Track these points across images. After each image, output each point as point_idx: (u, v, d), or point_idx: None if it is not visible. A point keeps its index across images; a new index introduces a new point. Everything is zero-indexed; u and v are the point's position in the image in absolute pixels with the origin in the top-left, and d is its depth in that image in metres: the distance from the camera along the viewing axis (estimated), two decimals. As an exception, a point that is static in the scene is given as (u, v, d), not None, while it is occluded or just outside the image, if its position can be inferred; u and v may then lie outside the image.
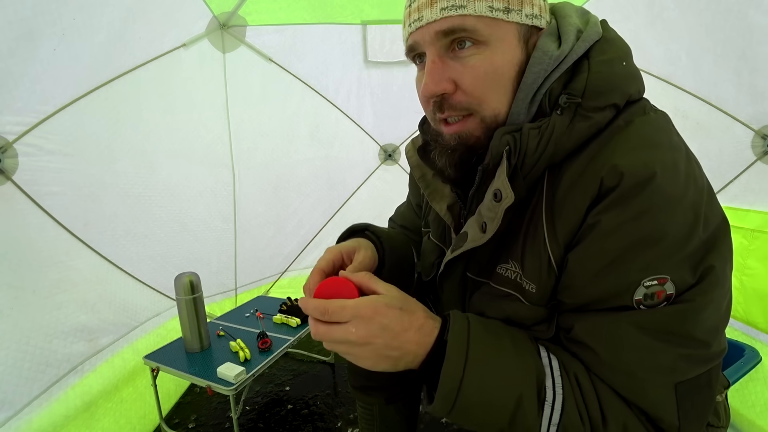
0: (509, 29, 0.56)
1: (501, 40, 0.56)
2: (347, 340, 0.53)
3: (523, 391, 0.52)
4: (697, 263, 0.50)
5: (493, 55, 0.56)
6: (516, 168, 0.57)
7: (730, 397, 1.41)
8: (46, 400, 1.33)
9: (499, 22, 0.55)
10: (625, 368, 0.51)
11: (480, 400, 0.52)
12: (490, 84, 0.57)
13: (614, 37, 0.60)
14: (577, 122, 0.55)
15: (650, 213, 0.49)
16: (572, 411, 0.51)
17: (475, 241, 0.62)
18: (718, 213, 0.53)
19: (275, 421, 1.70)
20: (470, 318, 0.58)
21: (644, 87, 0.60)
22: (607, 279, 0.52)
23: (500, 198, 0.56)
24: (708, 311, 0.51)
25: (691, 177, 0.52)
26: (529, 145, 0.55)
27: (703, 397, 0.52)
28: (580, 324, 0.55)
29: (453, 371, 0.52)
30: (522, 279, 0.61)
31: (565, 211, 0.55)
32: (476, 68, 0.56)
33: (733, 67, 1.64)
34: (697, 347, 0.51)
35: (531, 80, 0.57)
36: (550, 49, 0.56)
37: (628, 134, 0.54)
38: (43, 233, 1.42)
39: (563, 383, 0.53)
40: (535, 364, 0.54)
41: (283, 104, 2.29)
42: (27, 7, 1.20)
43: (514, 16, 0.56)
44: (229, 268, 2.33)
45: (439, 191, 0.74)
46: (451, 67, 0.57)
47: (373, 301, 0.54)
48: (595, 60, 0.56)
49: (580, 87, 0.55)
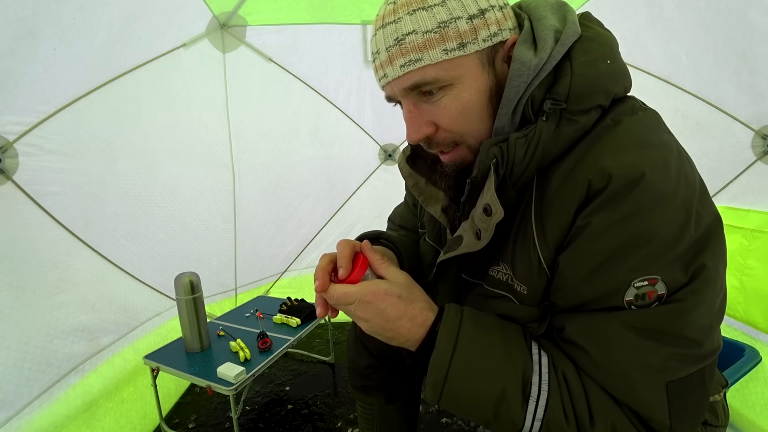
0: (470, 61, 0.56)
1: (464, 75, 0.56)
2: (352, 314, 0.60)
3: (507, 384, 0.53)
4: (688, 263, 0.50)
5: (460, 93, 0.57)
6: (505, 178, 0.57)
7: (730, 397, 1.41)
8: (46, 399, 1.33)
9: (457, 61, 0.55)
10: (616, 367, 0.52)
11: (465, 390, 0.55)
12: (465, 119, 0.59)
13: (596, 34, 0.58)
14: (563, 127, 0.54)
15: (640, 213, 0.49)
16: (557, 408, 0.52)
17: (470, 246, 0.63)
18: (711, 211, 0.52)
19: (275, 421, 1.70)
20: (464, 311, 0.60)
21: (631, 83, 0.59)
22: (597, 280, 0.52)
23: (490, 213, 0.57)
24: (700, 310, 0.50)
25: (682, 175, 0.51)
26: (516, 154, 0.55)
27: (696, 396, 0.52)
28: (571, 324, 0.55)
29: (440, 361, 0.55)
30: (513, 281, 0.61)
31: (553, 212, 0.56)
32: (449, 108, 0.58)
33: (733, 67, 1.64)
34: (689, 346, 0.50)
35: (512, 94, 0.57)
36: (528, 58, 0.55)
37: (616, 134, 0.54)
38: (43, 233, 1.42)
39: (549, 380, 0.54)
40: (522, 360, 0.55)
41: (283, 104, 2.29)
42: (27, 7, 1.20)
43: (470, 47, 0.55)
44: (229, 268, 2.33)
45: (434, 196, 0.75)
46: (426, 111, 0.60)
47: (374, 286, 0.58)
48: (578, 61, 0.55)
49: (564, 91, 0.54)
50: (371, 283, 0.59)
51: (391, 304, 0.57)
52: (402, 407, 1.04)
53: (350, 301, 0.58)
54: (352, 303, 0.58)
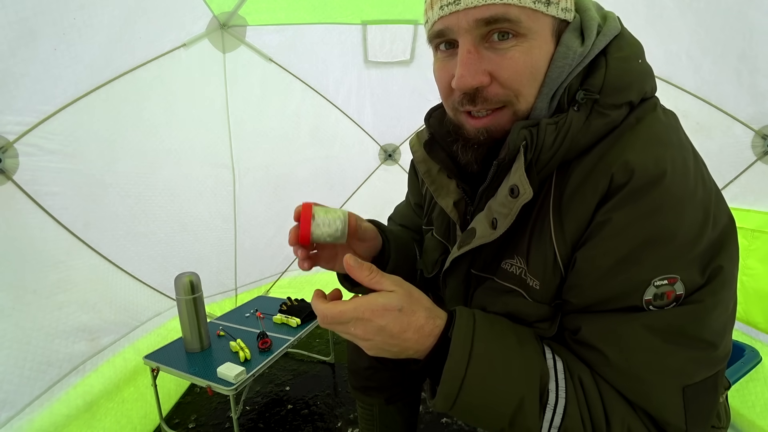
0: (546, 22, 0.55)
1: (538, 33, 0.54)
2: (350, 335, 0.55)
3: (525, 393, 0.51)
4: (706, 263, 0.49)
5: (531, 48, 0.54)
6: (531, 163, 0.56)
7: (730, 398, 1.41)
8: (47, 399, 1.33)
9: (538, 15, 0.53)
10: (634, 371, 0.51)
11: (481, 400, 0.52)
12: (528, 77, 0.55)
13: (629, 34, 0.60)
14: (593, 119, 0.54)
15: (661, 211, 0.48)
16: (574, 415, 0.50)
17: (484, 237, 0.61)
18: (726, 213, 0.53)
19: (275, 421, 1.70)
20: (476, 315, 0.57)
21: (656, 85, 0.60)
22: (616, 278, 0.51)
23: (517, 194, 0.55)
24: (716, 312, 0.50)
25: (699, 176, 0.52)
26: (546, 140, 0.54)
27: (708, 400, 0.52)
28: (588, 326, 0.54)
29: (456, 370, 0.51)
30: (526, 275, 0.60)
31: (573, 207, 0.55)
32: (516, 61, 0.54)
33: (733, 67, 1.64)
34: (706, 348, 0.50)
35: (556, 75, 0.56)
36: (574, 45, 0.56)
37: (638, 131, 0.54)
38: (43, 233, 1.42)
39: (566, 386, 0.52)
40: (539, 366, 0.53)
41: (283, 104, 2.29)
42: (27, 7, 1.20)
43: (552, 9, 0.54)
44: (229, 268, 2.33)
45: (445, 187, 0.74)
46: (487, 59, 0.54)
47: (371, 302, 0.53)
48: (613, 56, 0.56)
49: (598, 83, 0.54)
50: (367, 299, 0.54)
51: (393, 319, 0.53)
52: (402, 408, 1.04)
53: (345, 320, 0.53)
54: (348, 322, 0.53)
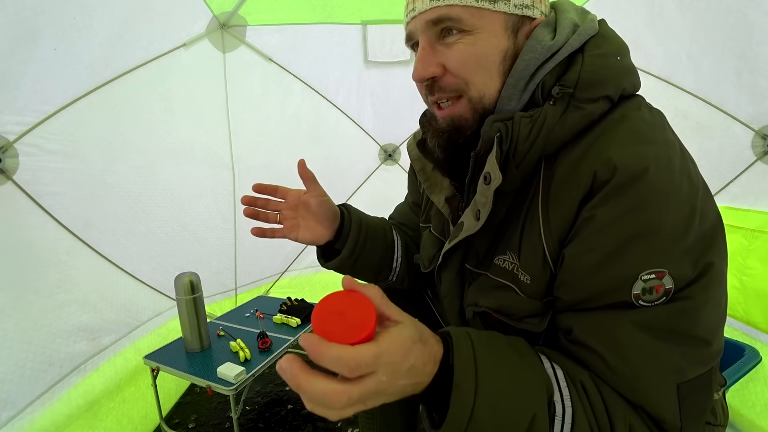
0: (495, 18, 0.59)
1: (485, 28, 0.59)
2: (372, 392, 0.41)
3: (537, 410, 0.48)
4: (696, 258, 0.50)
5: (476, 41, 0.59)
6: (508, 155, 0.58)
7: (730, 397, 1.41)
8: (48, 399, 1.33)
9: (484, 12, 0.58)
10: (630, 370, 0.51)
11: (492, 426, 0.47)
12: (474, 67, 0.60)
13: (611, 35, 0.61)
14: (569, 113, 0.56)
15: (646, 205, 0.49)
16: (582, 422, 0.49)
17: (470, 229, 0.63)
18: (714, 210, 0.53)
19: (275, 421, 1.70)
20: (472, 336, 0.51)
21: (640, 83, 0.61)
22: (604, 273, 0.52)
23: (489, 180, 0.58)
24: (708, 308, 0.51)
25: (685, 173, 0.52)
26: (521, 132, 0.57)
27: (702, 397, 0.53)
28: (579, 325, 0.55)
29: (464, 400, 0.45)
30: (518, 270, 0.62)
31: (558, 203, 0.56)
32: (462, 52, 0.59)
33: (733, 67, 1.64)
34: (699, 345, 0.51)
35: (522, 67, 0.59)
36: (544, 39, 0.59)
37: (623, 128, 0.55)
38: (43, 233, 1.42)
39: (570, 394, 0.51)
40: (544, 379, 0.51)
41: (283, 104, 2.28)
42: (27, 7, 1.20)
43: (501, 6, 0.58)
44: (229, 268, 2.33)
45: (438, 184, 0.76)
46: (439, 53, 0.61)
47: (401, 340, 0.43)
48: (590, 53, 0.58)
49: (573, 78, 0.56)
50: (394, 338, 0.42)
51: (419, 353, 0.44)
52: (403, 407, 1.05)
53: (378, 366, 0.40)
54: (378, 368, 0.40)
